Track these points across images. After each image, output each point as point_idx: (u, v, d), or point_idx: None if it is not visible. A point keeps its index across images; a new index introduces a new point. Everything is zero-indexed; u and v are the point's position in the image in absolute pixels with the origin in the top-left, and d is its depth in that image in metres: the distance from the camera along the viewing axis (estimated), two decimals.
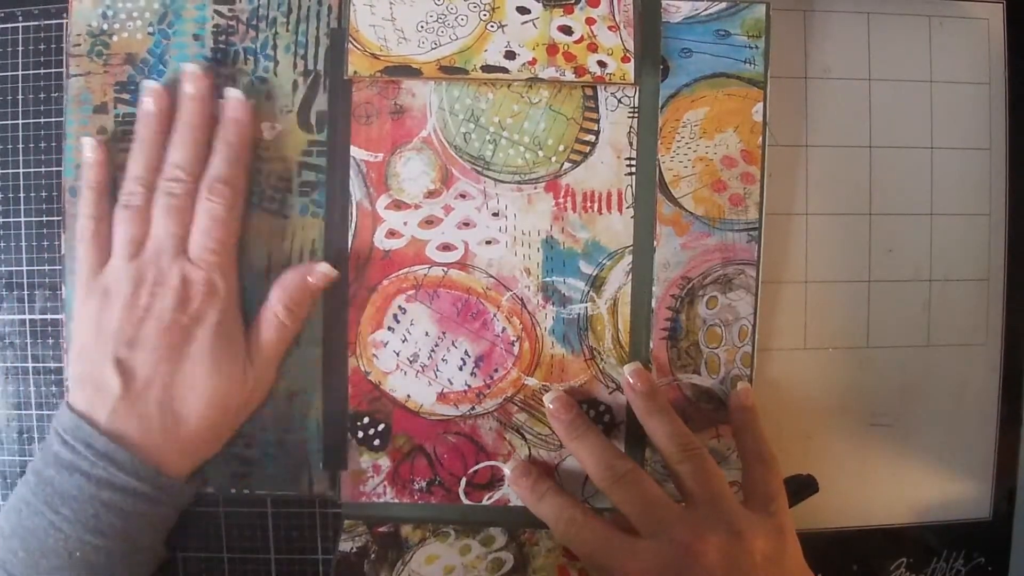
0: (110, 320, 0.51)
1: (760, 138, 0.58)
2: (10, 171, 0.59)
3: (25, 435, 0.60)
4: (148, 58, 0.57)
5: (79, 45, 0.57)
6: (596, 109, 0.57)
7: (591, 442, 0.54)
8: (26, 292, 0.59)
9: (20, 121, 0.59)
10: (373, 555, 0.58)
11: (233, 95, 0.55)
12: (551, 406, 0.56)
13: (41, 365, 0.59)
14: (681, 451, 0.52)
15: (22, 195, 0.59)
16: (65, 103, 0.58)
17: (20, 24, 0.59)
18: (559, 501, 0.54)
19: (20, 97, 0.59)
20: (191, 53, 0.57)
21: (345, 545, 0.58)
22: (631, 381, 0.56)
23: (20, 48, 0.59)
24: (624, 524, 0.51)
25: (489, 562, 0.58)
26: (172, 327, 0.51)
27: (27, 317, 0.59)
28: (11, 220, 0.59)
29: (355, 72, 0.55)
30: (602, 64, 0.56)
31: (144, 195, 0.53)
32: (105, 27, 0.57)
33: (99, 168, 0.55)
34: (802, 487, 0.59)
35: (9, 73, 0.59)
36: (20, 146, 0.59)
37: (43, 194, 0.59)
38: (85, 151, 0.55)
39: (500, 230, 0.57)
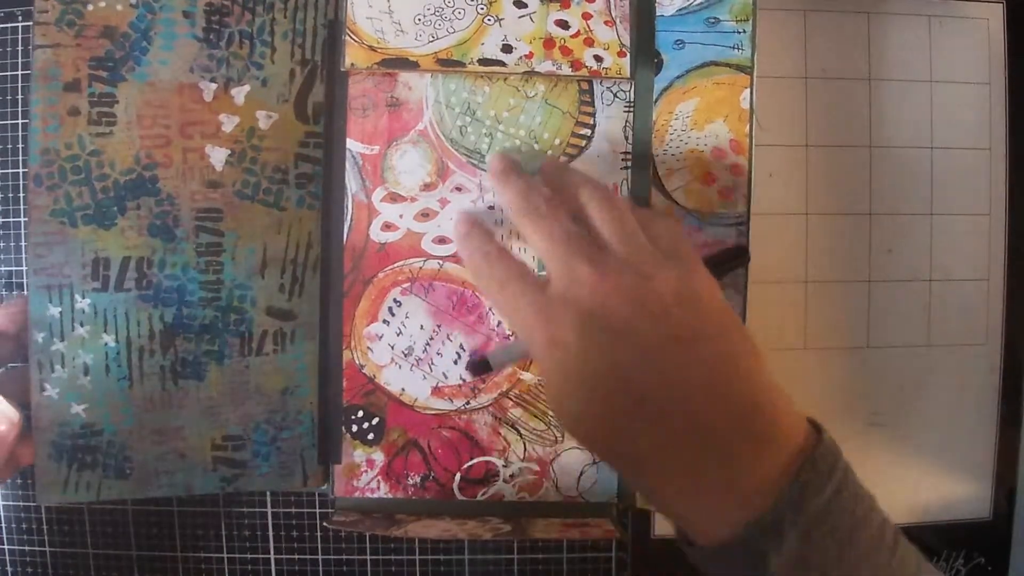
0: None
1: (747, 127, 0.56)
2: (10, 171, 0.60)
3: None
4: (130, 33, 0.53)
5: (46, 12, 0.52)
6: (592, 103, 0.57)
7: (515, 181, 0.50)
8: (26, 292, 0.59)
9: (20, 121, 0.59)
10: (368, 523, 0.57)
11: None
12: (491, 161, 0.53)
13: None
14: (591, 191, 0.49)
15: (22, 194, 0.60)
16: (32, 79, 0.53)
17: (20, 24, 0.59)
18: (478, 242, 0.50)
19: (20, 96, 0.59)
20: (180, 31, 0.54)
21: (338, 518, 0.57)
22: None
23: (20, 48, 0.59)
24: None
25: (488, 527, 0.57)
26: None
27: None
28: (11, 220, 0.60)
29: (352, 64, 0.55)
30: (598, 59, 0.56)
31: None
32: None
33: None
34: (731, 255, 0.55)
35: (9, 73, 0.59)
36: (21, 145, 0.59)
37: None
38: None
39: (496, 223, 0.57)
